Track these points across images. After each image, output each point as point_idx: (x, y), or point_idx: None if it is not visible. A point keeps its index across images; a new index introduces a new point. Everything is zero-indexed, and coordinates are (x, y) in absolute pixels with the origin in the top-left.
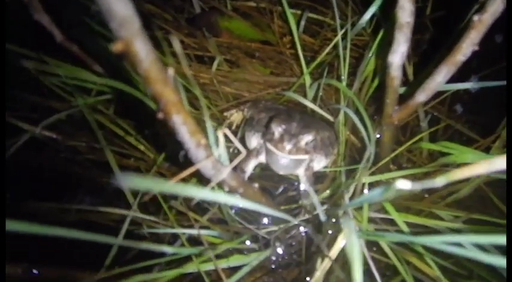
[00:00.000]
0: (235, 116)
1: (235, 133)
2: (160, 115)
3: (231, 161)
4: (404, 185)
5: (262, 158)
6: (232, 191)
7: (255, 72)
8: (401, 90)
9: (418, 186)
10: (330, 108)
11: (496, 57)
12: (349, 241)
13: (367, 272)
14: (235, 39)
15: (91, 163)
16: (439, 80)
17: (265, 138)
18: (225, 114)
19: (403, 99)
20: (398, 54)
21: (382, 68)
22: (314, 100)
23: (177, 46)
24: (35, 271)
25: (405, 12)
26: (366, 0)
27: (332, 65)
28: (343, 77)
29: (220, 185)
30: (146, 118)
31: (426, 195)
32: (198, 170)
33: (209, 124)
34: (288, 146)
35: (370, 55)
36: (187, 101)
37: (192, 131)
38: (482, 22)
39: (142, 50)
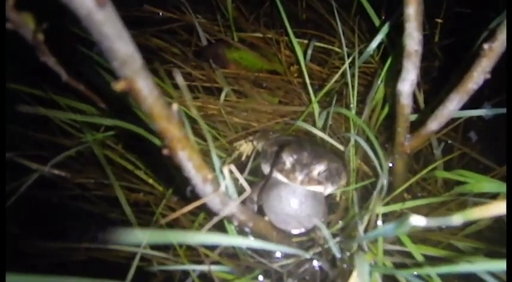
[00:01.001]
0: (245, 147)
1: (245, 164)
2: (165, 151)
3: (239, 194)
4: (418, 221)
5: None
6: (241, 225)
7: (264, 102)
8: (413, 117)
9: (433, 223)
10: (340, 137)
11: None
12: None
13: None
14: (243, 69)
15: (100, 199)
16: (451, 108)
17: (276, 168)
18: (234, 145)
19: (414, 127)
20: (408, 83)
21: (391, 96)
22: (323, 129)
23: (179, 80)
24: None
25: (413, 41)
26: (372, 28)
27: (341, 93)
28: (352, 105)
29: (229, 219)
30: (155, 151)
31: (444, 226)
32: (206, 204)
33: (215, 159)
34: (300, 176)
35: (379, 83)
36: (194, 133)
37: (198, 167)
38: (493, 50)
39: (145, 87)
